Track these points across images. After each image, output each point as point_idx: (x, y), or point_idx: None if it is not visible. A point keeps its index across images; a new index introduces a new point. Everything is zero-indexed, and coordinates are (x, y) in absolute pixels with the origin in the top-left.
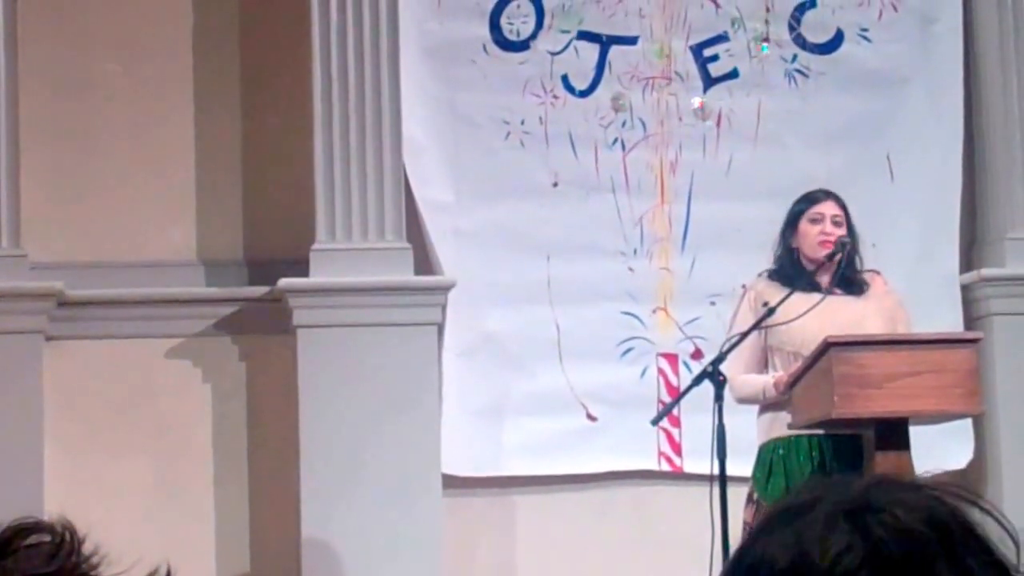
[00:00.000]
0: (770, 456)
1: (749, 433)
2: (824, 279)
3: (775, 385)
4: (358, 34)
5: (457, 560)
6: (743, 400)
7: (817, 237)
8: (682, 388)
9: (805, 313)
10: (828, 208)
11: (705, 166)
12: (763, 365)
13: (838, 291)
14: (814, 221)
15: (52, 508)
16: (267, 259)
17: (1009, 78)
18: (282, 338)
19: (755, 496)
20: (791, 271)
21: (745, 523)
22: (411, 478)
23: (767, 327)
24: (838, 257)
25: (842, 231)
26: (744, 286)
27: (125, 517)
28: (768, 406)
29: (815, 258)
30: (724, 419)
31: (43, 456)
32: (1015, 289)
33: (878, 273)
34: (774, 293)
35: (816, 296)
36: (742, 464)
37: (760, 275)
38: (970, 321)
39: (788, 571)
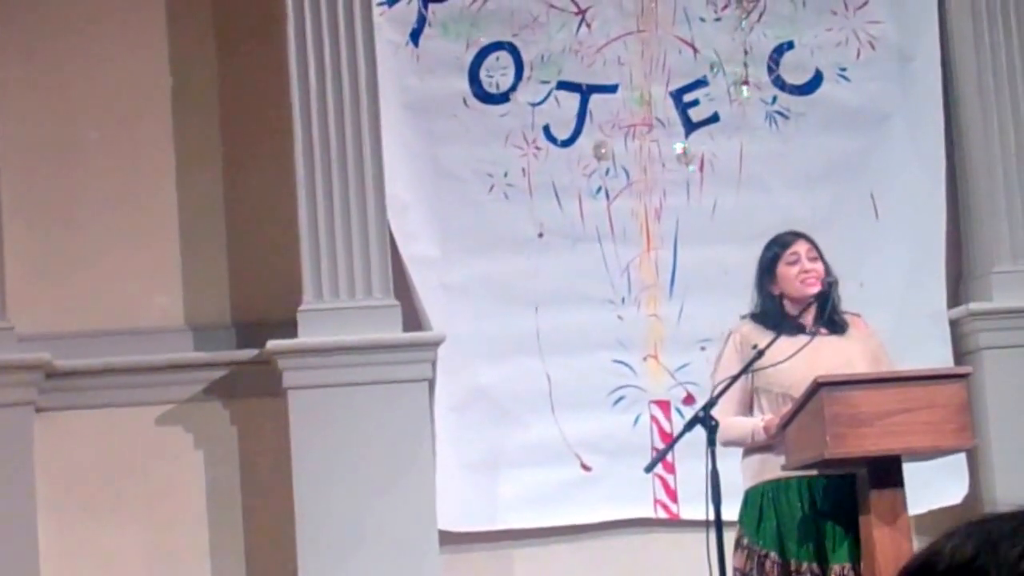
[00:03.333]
0: (760, 499)
1: None
2: (807, 320)
3: (765, 429)
4: (338, 93)
5: None
6: (729, 443)
7: (799, 276)
8: (675, 434)
9: (795, 354)
10: (801, 247)
11: (690, 211)
12: (748, 408)
13: (823, 331)
14: (791, 263)
15: None
16: (255, 321)
17: (989, 112)
18: (273, 400)
19: (745, 541)
20: (775, 317)
21: (736, 570)
22: (408, 535)
23: (756, 370)
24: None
25: (819, 265)
26: (730, 331)
27: None
28: (754, 449)
29: (800, 297)
30: (718, 464)
31: (37, 528)
32: (1003, 322)
33: (858, 315)
34: (760, 336)
35: (803, 337)
36: (738, 508)
37: (743, 318)
38: (960, 356)
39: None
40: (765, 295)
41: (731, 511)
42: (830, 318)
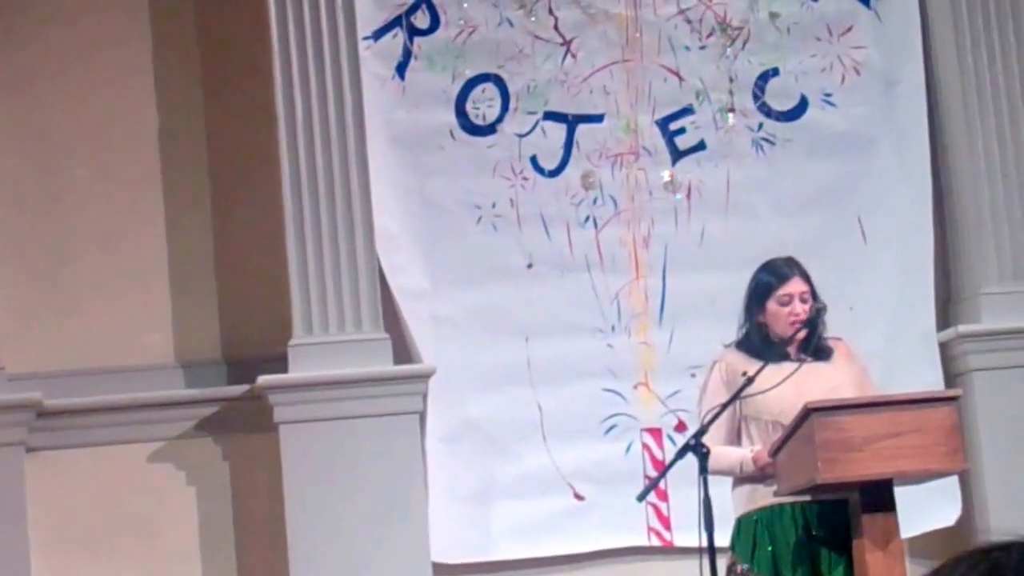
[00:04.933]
0: (753, 527)
1: None
2: (792, 348)
3: (754, 460)
4: (324, 127)
5: None
6: (716, 472)
7: (788, 319)
8: (667, 462)
9: (783, 381)
10: (796, 287)
11: (678, 239)
12: (736, 436)
13: (808, 358)
14: (783, 303)
15: None
16: (245, 357)
17: (974, 135)
18: (264, 435)
19: (739, 569)
20: (760, 345)
21: None
22: (402, 568)
23: (744, 398)
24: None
25: (808, 305)
26: (714, 360)
27: None
28: (745, 478)
29: (783, 337)
30: (711, 491)
31: (30, 568)
32: (993, 344)
33: (841, 339)
34: (745, 364)
35: (790, 365)
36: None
37: (727, 347)
38: (950, 378)
39: None
40: (753, 323)
41: (725, 538)
42: (816, 345)
